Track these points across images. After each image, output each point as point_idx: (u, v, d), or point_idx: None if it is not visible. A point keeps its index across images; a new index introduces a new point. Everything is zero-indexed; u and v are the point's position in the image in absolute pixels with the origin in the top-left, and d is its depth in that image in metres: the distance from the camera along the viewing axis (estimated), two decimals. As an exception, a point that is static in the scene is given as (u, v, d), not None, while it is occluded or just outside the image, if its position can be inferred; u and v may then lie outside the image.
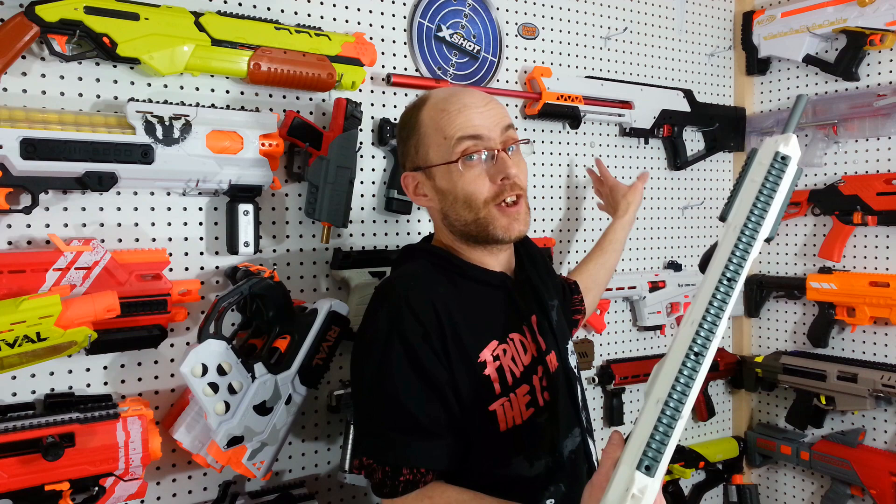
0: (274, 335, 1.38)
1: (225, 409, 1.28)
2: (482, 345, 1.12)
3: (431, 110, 1.17)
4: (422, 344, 1.07)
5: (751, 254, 0.80)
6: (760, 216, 0.80)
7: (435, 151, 1.16)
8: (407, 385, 1.07)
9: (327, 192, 1.51)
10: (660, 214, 2.20)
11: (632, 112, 2.02)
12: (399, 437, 1.07)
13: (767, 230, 0.81)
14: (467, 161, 1.13)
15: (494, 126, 1.14)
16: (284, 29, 1.45)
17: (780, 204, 0.81)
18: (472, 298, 1.16)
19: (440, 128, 1.14)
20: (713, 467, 2.20)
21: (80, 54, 1.27)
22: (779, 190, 0.81)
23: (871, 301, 1.93)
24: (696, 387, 0.75)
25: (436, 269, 1.19)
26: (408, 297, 1.11)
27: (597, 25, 2.04)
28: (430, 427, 1.07)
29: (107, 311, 1.19)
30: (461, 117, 1.13)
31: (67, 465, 1.17)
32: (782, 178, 0.81)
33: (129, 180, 1.28)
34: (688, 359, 0.76)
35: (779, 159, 0.81)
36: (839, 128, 2.04)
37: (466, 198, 1.14)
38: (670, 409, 0.74)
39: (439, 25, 1.74)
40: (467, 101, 1.15)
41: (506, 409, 1.11)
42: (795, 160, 0.81)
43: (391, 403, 1.08)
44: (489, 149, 1.13)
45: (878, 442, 2.03)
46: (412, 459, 1.05)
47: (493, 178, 1.13)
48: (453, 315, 1.10)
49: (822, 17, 2.03)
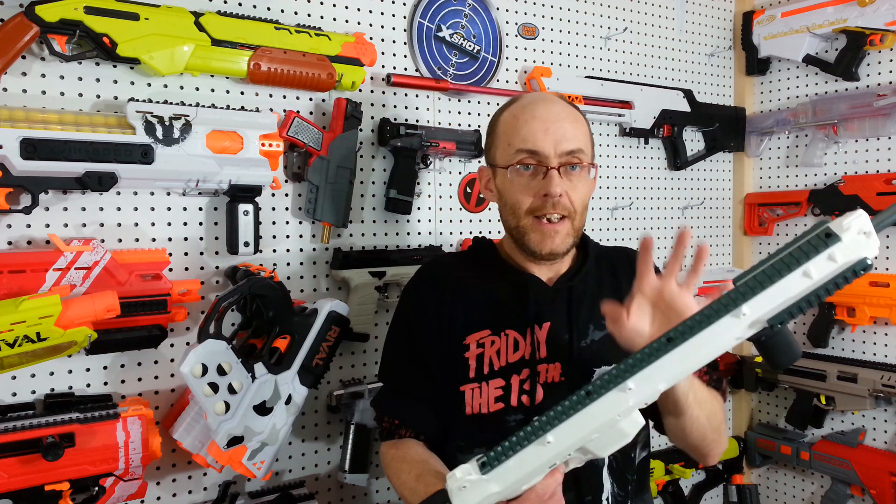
0: (274, 335, 1.38)
1: (225, 409, 1.28)
2: (472, 330, 1.19)
3: (509, 114, 1.21)
4: (417, 316, 1.23)
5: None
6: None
7: (500, 154, 1.20)
8: (397, 348, 1.27)
9: (327, 192, 1.51)
10: (660, 214, 2.20)
11: (632, 112, 2.02)
12: (385, 390, 1.28)
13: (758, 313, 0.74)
14: (519, 170, 1.16)
15: (556, 144, 1.14)
16: (284, 29, 1.45)
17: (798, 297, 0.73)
18: (486, 289, 1.23)
19: (507, 133, 1.19)
20: (713, 467, 2.20)
21: (80, 54, 1.27)
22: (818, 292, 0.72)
23: (871, 301, 1.93)
24: (571, 423, 0.78)
25: (469, 259, 1.32)
26: (422, 275, 1.29)
27: (597, 25, 2.04)
28: (409, 387, 1.22)
29: (107, 311, 1.19)
30: (526, 128, 1.16)
31: (67, 465, 1.17)
32: (835, 285, 0.72)
33: (129, 180, 1.28)
34: (578, 397, 0.78)
35: (860, 267, 0.71)
36: (839, 128, 2.04)
37: (512, 204, 1.18)
38: (533, 427, 0.79)
39: (439, 25, 1.74)
40: (539, 113, 1.16)
41: (474, 394, 1.18)
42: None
43: (385, 359, 1.30)
44: (542, 164, 1.15)
45: (878, 442, 2.02)
46: (388, 411, 1.24)
47: (538, 192, 1.15)
48: (458, 298, 1.22)
49: (822, 17, 2.03)
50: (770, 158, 2.29)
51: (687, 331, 0.76)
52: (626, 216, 2.11)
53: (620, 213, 2.09)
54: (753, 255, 2.35)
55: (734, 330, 0.75)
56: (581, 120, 1.20)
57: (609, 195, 2.08)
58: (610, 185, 2.08)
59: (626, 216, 2.11)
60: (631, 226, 2.13)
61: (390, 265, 1.61)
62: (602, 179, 2.06)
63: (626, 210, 2.10)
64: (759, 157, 2.32)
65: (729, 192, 2.37)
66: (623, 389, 0.77)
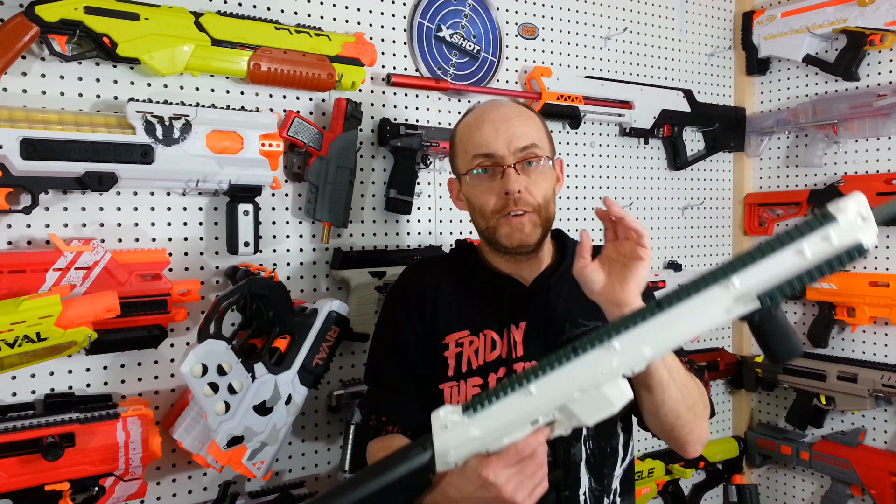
0: (274, 335, 1.38)
1: (225, 409, 1.28)
2: (452, 329, 1.22)
3: (464, 124, 1.25)
4: (402, 316, 1.25)
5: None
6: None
7: (460, 162, 1.25)
8: (382, 348, 1.29)
9: (327, 192, 1.51)
10: (660, 214, 2.20)
11: (632, 112, 2.02)
12: (371, 390, 1.30)
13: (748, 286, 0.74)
14: (478, 174, 1.20)
15: (508, 143, 1.17)
16: (284, 29, 1.45)
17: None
18: (465, 290, 1.26)
19: (464, 141, 1.23)
20: (713, 467, 2.20)
21: (80, 54, 1.27)
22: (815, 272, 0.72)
23: (871, 301, 1.94)
24: (554, 376, 0.79)
25: (451, 261, 1.34)
26: (406, 277, 1.32)
27: (597, 25, 2.04)
28: (395, 384, 1.24)
29: (107, 311, 1.19)
30: (478, 134, 1.20)
31: (67, 465, 1.17)
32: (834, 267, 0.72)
33: (129, 180, 1.28)
34: (563, 351, 0.80)
35: (855, 251, 0.71)
36: (839, 128, 2.04)
37: (479, 207, 1.21)
38: (517, 377, 0.80)
39: (439, 25, 1.74)
40: (489, 116, 1.21)
41: (453, 392, 1.20)
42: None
43: (370, 360, 1.33)
44: (497, 165, 1.18)
45: (878, 442, 2.02)
46: (375, 409, 1.25)
47: (499, 192, 1.18)
48: (439, 299, 1.25)
49: (822, 17, 2.03)
50: (770, 158, 2.29)
51: (675, 298, 0.77)
52: (626, 216, 2.11)
53: (620, 213, 2.09)
54: (753, 255, 2.35)
55: (723, 301, 0.75)
56: (531, 116, 1.24)
57: (609, 195, 2.08)
58: (610, 185, 2.08)
59: (626, 216, 2.11)
60: (631, 226, 2.12)
61: (390, 265, 1.61)
62: (602, 179, 2.06)
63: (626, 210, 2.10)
64: (759, 157, 2.32)
65: (729, 192, 2.37)
66: (608, 349, 0.78)
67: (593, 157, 2.02)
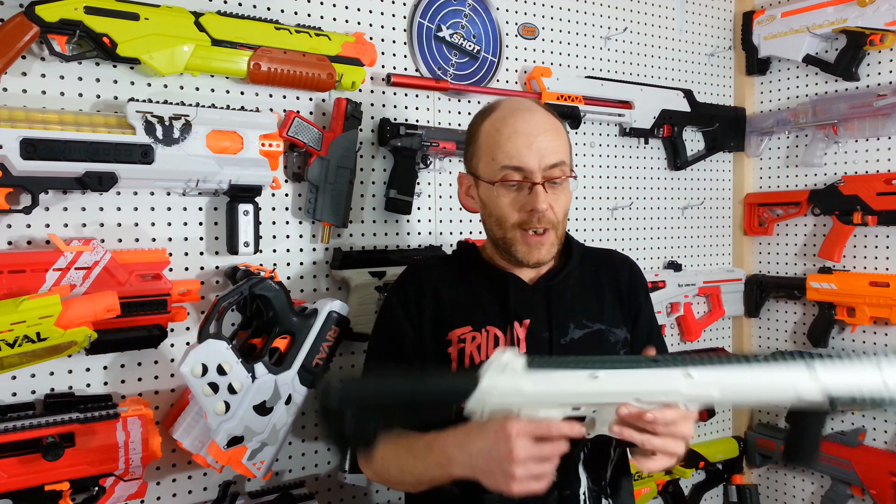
0: (274, 335, 1.38)
1: (225, 409, 1.28)
2: (455, 325, 1.22)
3: (489, 126, 1.20)
4: (401, 315, 1.25)
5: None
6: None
7: (483, 167, 1.20)
8: (380, 347, 1.28)
9: (327, 192, 1.51)
10: (660, 214, 2.20)
11: (632, 112, 2.02)
12: None
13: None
14: (505, 186, 1.17)
15: (540, 159, 1.15)
16: (284, 29, 1.45)
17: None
18: (468, 287, 1.25)
19: (490, 147, 1.18)
20: (713, 467, 2.20)
21: (80, 54, 1.27)
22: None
23: (871, 301, 1.93)
24: (625, 373, 0.81)
25: (452, 261, 1.34)
26: (406, 276, 1.31)
27: (597, 25, 2.04)
28: None
29: (107, 311, 1.19)
30: (510, 144, 1.16)
31: (67, 465, 1.17)
32: None
33: (129, 180, 1.28)
34: (644, 357, 0.83)
35: None
36: (839, 128, 2.04)
37: (498, 217, 1.19)
38: (592, 359, 0.82)
39: (439, 25, 1.74)
40: (521, 127, 1.17)
41: None
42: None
43: (369, 357, 1.31)
44: (527, 181, 1.16)
45: (878, 442, 2.02)
46: None
47: (524, 207, 1.16)
48: (442, 296, 1.24)
49: (822, 17, 2.03)
50: (770, 158, 2.29)
51: (762, 359, 0.79)
52: (626, 216, 2.11)
53: (620, 213, 2.09)
54: (753, 255, 2.35)
55: (802, 381, 0.78)
56: (561, 130, 1.21)
57: (609, 195, 2.08)
58: (610, 185, 2.08)
59: (626, 216, 2.11)
60: (631, 226, 2.13)
61: (390, 265, 1.61)
62: (602, 179, 2.06)
63: (626, 210, 2.10)
64: (759, 157, 2.32)
65: (729, 192, 2.37)
66: (685, 373, 0.79)
67: (593, 157, 2.02)
